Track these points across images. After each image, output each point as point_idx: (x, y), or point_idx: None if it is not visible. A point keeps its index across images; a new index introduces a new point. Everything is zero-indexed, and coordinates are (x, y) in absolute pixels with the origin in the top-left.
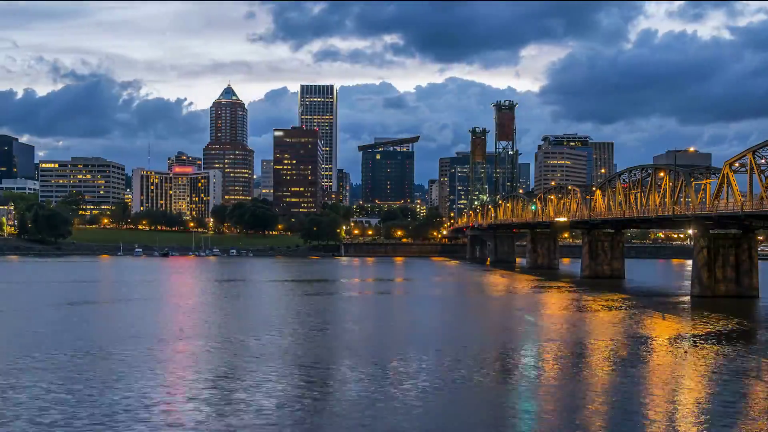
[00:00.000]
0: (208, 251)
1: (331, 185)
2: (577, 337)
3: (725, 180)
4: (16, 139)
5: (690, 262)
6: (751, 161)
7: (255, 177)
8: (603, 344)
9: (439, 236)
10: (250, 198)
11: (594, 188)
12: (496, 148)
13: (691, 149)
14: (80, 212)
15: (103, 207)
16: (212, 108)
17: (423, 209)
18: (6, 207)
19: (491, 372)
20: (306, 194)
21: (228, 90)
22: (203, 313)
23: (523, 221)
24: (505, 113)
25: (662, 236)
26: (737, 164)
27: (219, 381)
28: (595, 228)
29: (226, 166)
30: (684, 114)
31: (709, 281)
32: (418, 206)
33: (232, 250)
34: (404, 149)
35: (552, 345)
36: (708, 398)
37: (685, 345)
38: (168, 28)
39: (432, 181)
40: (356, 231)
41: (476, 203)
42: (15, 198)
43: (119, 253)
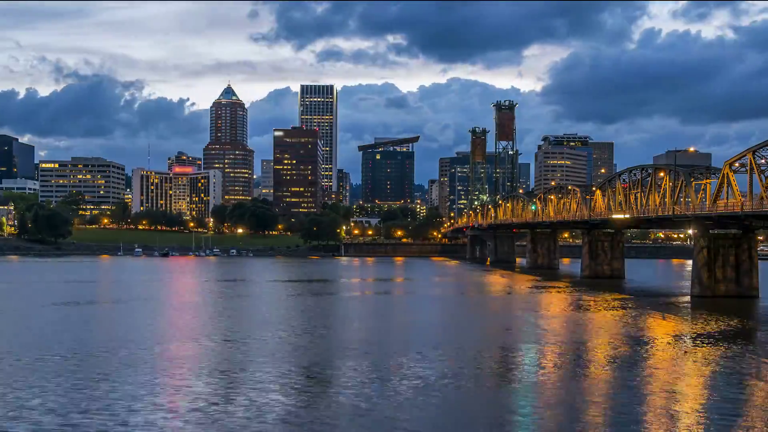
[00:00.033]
0: (209, 251)
1: (331, 185)
2: (577, 337)
3: (725, 180)
4: (16, 139)
5: (690, 262)
6: (751, 161)
7: (255, 177)
8: (603, 344)
9: (439, 236)
10: (250, 198)
11: (594, 188)
12: (496, 148)
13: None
14: (80, 212)
15: (103, 207)
16: (212, 108)
17: (423, 209)
18: (6, 207)
19: (491, 372)
20: (306, 194)
21: (228, 90)
22: (203, 314)
23: (523, 221)
24: (505, 113)
25: (662, 236)
26: (737, 164)
27: (219, 381)
28: (595, 228)
29: (226, 166)
30: (686, 114)
31: (709, 281)
32: (418, 206)
33: (232, 250)
34: (404, 149)
35: (552, 345)
36: (708, 398)
37: (685, 345)
38: (171, 28)
39: (432, 181)
40: (356, 231)
41: (476, 203)
42: (15, 198)
43: (119, 253)
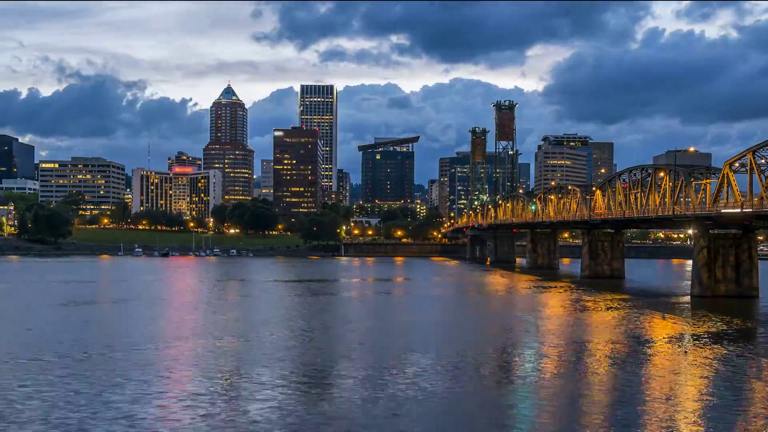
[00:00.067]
0: (209, 251)
1: (331, 185)
2: (577, 337)
3: (725, 180)
4: (16, 139)
5: (690, 262)
6: (751, 161)
7: (255, 177)
8: (603, 344)
9: (439, 236)
10: (250, 198)
11: (594, 188)
12: (496, 148)
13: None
14: (80, 212)
15: (103, 207)
16: (212, 108)
17: (423, 209)
18: (6, 207)
19: (491, 372)
20: (306, 194)
21: (228, 90)
22: (203, 314)
23: (523, 221)
24: (505, 113)
25: (662, 236)
26: (737, 164)
27: (219, 381)
28: (595, 228)
29: (226, 166)
30: (688, 114)
31: (709, 281)
32: (418, 206)
33: (232, 250)
34: (404, 149)
35: (552, 345)
36: (708, 398)
37: (685, 345)
38: (174, 28)
39: (432, 181)
40: (356, 231)
41: (476, 203)
42: (15, 198)
43: (119, 253)
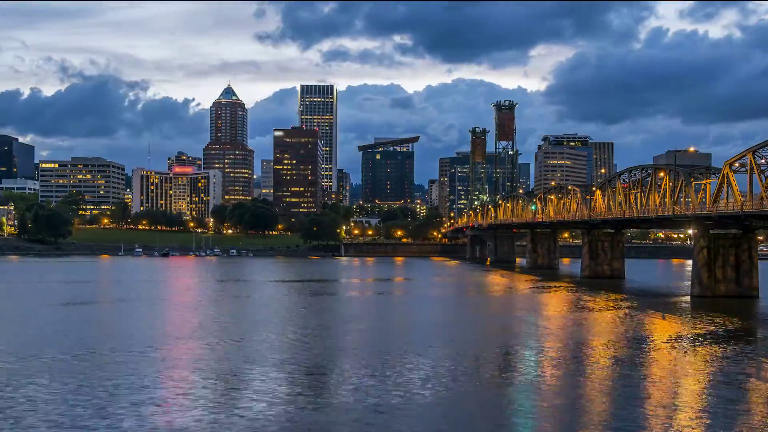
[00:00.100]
0: (209, 251)
1: (331, 185)
2: (577, 337)
3: (725, 180)
4: (16, 139)
5: (690, 262)
6: (751, 161)
7: (255, 177)
8: (603, 344)
9: (439, 236)
10: (250, 198)
11: (594, 188)
12: (496, 148)
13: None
14: (80, 212)
15: (103, 207)
16: (212, 108)
17: (423, 209)
18: (6, 207)
19: (491, 372)
20: (306, 194)
21: (228, 90)
22: (204, 314)
23: (523, 221)
24: (505, 113)
25: (662, 236)
26: (737, 164)
27: (220, 381)
28: (595, 228)
29: (226, 166)
30: (690, 114)
31: (709, 281)
32: (418, 206)
33: (232, 250)
34: (404, 149)
35: (552, 345)
36: (708, 398)
37: (685, 345)
38: (177, 28)
39: (432, 181)
40: (356, 231)
41: (476, 203)
42: (15, 198)
43: (120, 253)
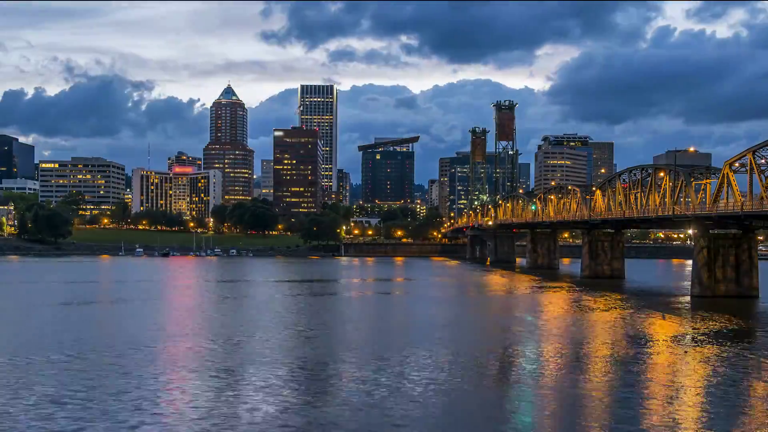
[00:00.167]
0: (209, 251)
1: (331, 185)
2: (577, 337)
3: (725, 180)
4: (16, 139)
5: (690, 262)
6: (751, 161)
7: (255, 177)
8: (603, 344)
9: (439, 236)
10: (250, 198)
11: (594, 188)
12: (496, 148)
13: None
14: (80, 212)
15: (103, 207)
16: (212, 108)
17: (423, 209)
18: (6, 207)
19: (491, 372)
20: (306, 194)
21: (228, 90)
22: (204, 313)
23: (523, 221)
24: (505, 113)
25: (662, 236)
26: (737, 164)
27: (220, 381)
28: (595, 228)
29: (226, 166)
30: (694, 114)
31: (709, 281)
32: (418, 206)
33: (232, 250)
34: (404, 149)
35: (552, 345)
36: (708, 398)
37: (685, 345)
38: (182, 28)
39: (432, 181)
40: (356, 231)
41: (476, 203)
42: (15, 198)
43: (120, 253)
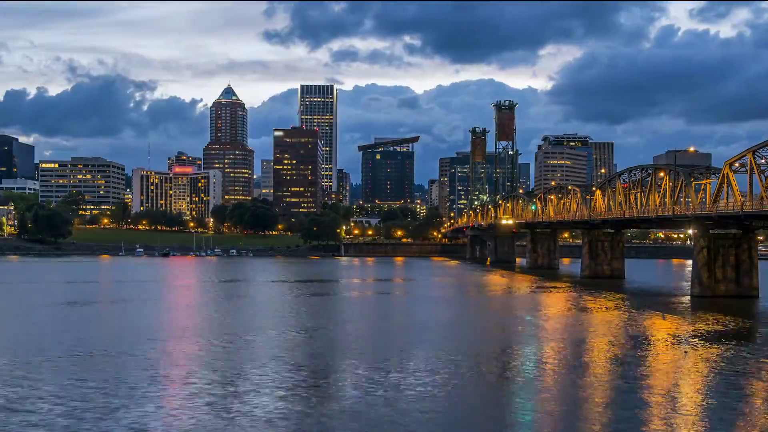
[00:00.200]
0: (209, 251)
1: (331, 185)
2: (577, 337)
3: (725, 180)
4: (16, 139)
5: (690, 262)
6: (751, 161)
7: (255, 177)
8: (603, 344)
9: (439, 236)
10: (250, 198)
11: (594, 188)
12: (496, 148)
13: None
14: (80, 212)
15: (103, 207)
16: (212, 108)
17: (423, 209)
18: (6, 207)
19: (491, 372)
20: (306, 194)
21: (228, 90)
22: (203, 314)
23: (523, 221)
24: (505, 113)
25: (662, 236)
26: (737, 164)
27: (220, 381)
28: (595, 228)
29: (226, 166)
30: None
31: (709, 281)
32: (418, 206)
33: (232, 250)
34: (404, 149)
35: (552, 345)
36: (708, 398)
37: (685, 345)
38: (185, 28)
39: (432, 181)
40: (356, 231)
41: (476, 203)
42: (15, 198)
43: (121, 253)
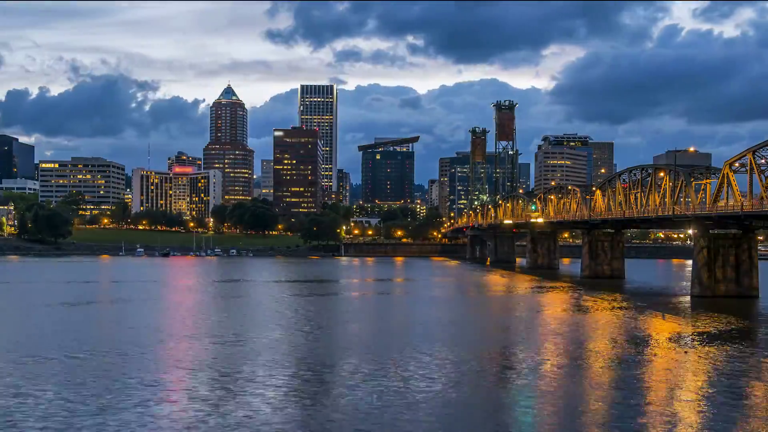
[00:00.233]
0: (209, 251)
1: (331, 185)
2: (577, 337)
3: (725, 180)
4: (16, 139)
5: (690, 262)
6: (751, 161)
7: (255, 177)
8: (603, 344)
9: (439, 236)
10: (250, 198)
11: (594, 188)
12: (496, 148)
13: (691, 149)
14: (80, 212)
15: (103, 207)
16: (212, 108)
17: (423, 209)
18: (6, 207)
19: (491, 372)
20: (306, 194)
21: (228, 90)
22: (203, 314)
23: (523, 221)
24: (505, 113)
25: (662, 236)
26: (737, 164)
27: (220, 381)
28: (595, 228)
29: (226, 166)
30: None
31: (709, 281)
32: (418, 206)
33: (232, 250)
34: (404, 149)
35: (552, 345)
36: (708, 398)
37: (685, 345)
38: (188, 27)
39: (432, 181)
40: (356, 231)
41: (476, 203)
42: (15, 198)
43: (121, 253)
